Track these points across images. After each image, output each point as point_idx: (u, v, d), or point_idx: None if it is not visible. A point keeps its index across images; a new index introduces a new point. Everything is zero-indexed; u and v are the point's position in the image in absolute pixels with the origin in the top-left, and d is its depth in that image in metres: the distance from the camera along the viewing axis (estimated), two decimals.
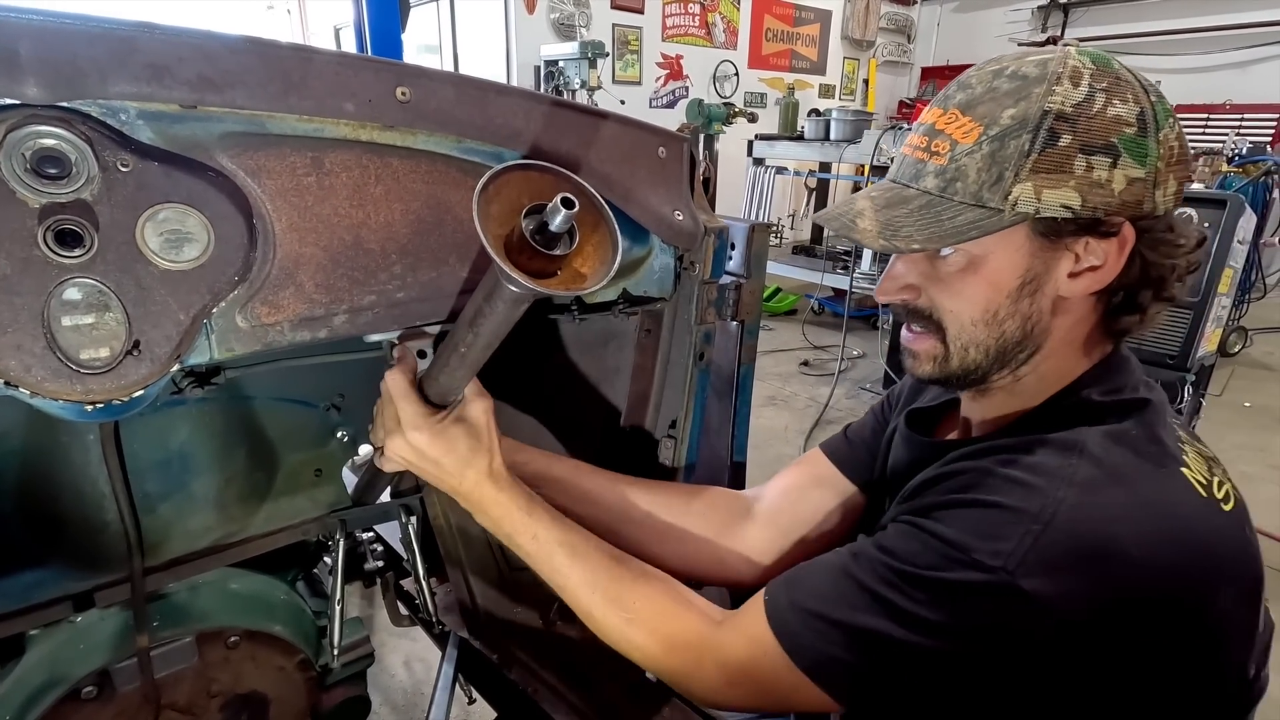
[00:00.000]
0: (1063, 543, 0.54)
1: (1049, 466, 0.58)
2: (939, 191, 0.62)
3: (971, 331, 0.65)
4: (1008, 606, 0.54)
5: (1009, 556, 0.54)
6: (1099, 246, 0.60)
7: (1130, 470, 0.59)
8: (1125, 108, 0.58)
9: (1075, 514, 0.55)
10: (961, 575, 0.56)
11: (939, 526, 0.59)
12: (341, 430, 1.03)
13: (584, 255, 0.56)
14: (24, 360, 0.49)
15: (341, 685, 1.09)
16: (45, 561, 0.85)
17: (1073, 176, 0.58)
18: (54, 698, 0.83)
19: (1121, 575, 0.54)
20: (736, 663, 0.67)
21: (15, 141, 0.46)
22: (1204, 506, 0.59)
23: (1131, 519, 0.56)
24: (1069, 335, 0.66)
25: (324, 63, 0.56)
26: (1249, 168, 3.82)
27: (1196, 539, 0.57)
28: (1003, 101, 0.60)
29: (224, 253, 0.56)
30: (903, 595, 0.58)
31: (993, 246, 0.62)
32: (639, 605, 0.73)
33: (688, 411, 0.92)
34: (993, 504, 0.58)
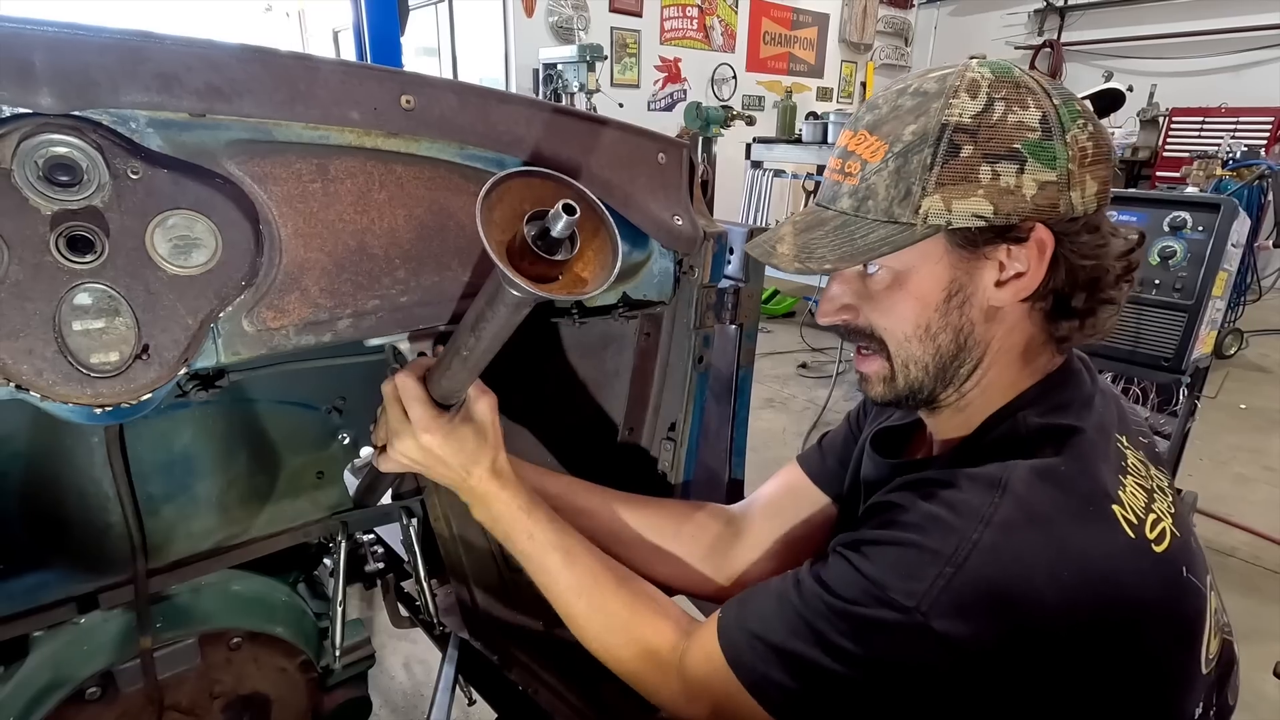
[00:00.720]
0: (974, 585, 0.54)
1: (970, 505, 0.58)
2: (853, 211, 0.63)
3: (908, 347, 0.66)
4: (919, 645, 0.55)
5: (922, 597, 0.55)
6: (1020, 252, 0.60)
7: (1053, 511, 0.57)
8: (1026, 114, 0.58)
9: (988, 557, 0.55)
10: (877, 613, 0.57)
11: (864, 562, 0.60)
12: (343, 433, 1.04)
13: (585, 260, 0.57)
14: (36, 364, 0.50)
15: (343, 686, 1.10)
16: (49, 563, 0.86)
17: (980, 185, 0.58)
18: (58, 699, 0.84)
19: (1033, 619, 0.54)
20: (694, 677, 0.69)
21: (28, 150, 0.47)
22: (1129, 548, 0.58)
23: (1047, 563, 0.55)
24: (1008, 344, 0.65)
25: (330, 72, 0.57)
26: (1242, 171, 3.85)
27: (1116, 583, 0.56)
28: (905, 119, 0.60)
29: (231, 258, 0.57)
30: (829, 625, 0.60)
31: (914, 261, 0.62)
32: (622, 614, 0.76)
33: (687, 414, 0.93)
34: (911, 543, 0.58)
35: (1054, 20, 7.90)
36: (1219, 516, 2.67)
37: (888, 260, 0.63)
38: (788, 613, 0.64)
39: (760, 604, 0.68)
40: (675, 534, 0.95)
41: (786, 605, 0.65)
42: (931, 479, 0.63)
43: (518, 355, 1.01)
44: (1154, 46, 7.23)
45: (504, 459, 0.76)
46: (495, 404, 0.75)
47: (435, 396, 0.70)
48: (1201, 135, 6.27)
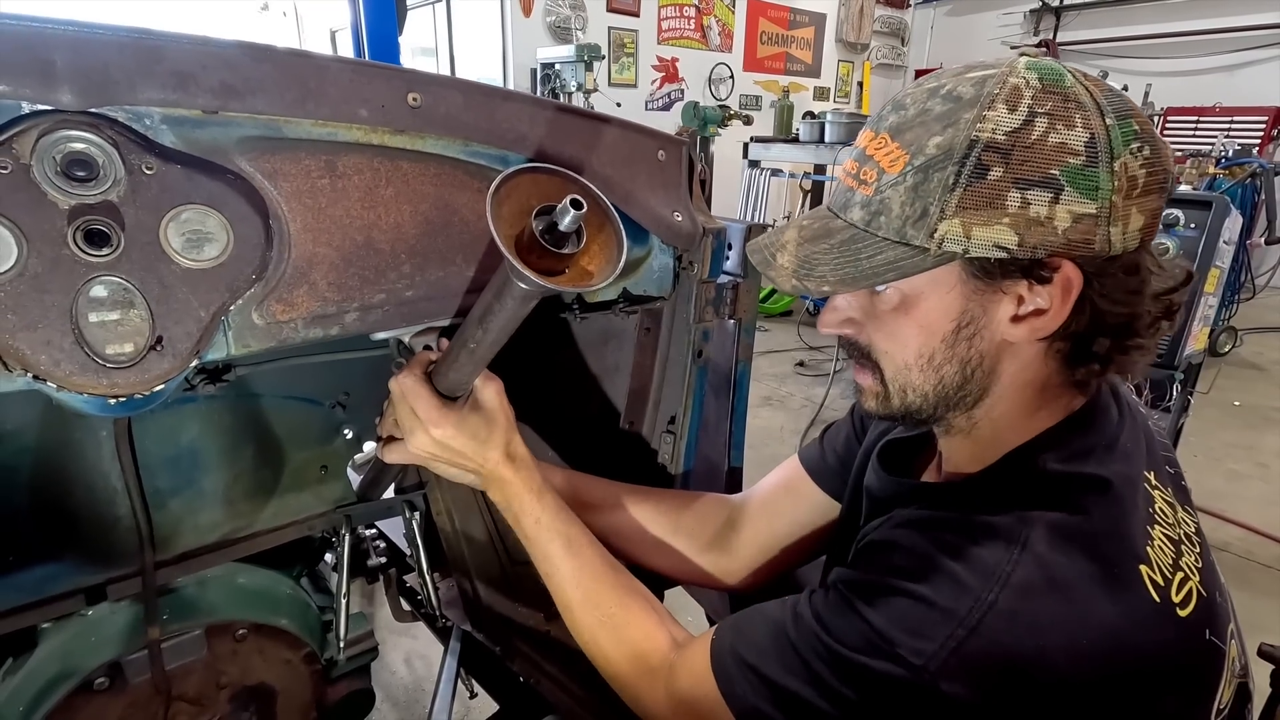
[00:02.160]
0: (985, 650, 0.52)
1: (986, 562, 0.54)
2: (863, 225, 0.57)
3: (907, 375, 0.61)
4: (924, 705, 0.53)
5: (931, 657, 0.52)
6: (1042, 290, 0.54)
7: (1075, 577, 0.53)
8: (1071, 134, 0.50)
9: (1003, 622, 0.52)
10: (883, 667, 0.54)
11: (870, 612, 0.57)
12: (347, 428, 1.05)
13: (591, 254, 0.58)
14: (53, 355, 0.51)
15: (346, 678, 1.11)
16: (59, 556, 0.87)
17: (1006, 214, 0.51)
18: (67, 689, 0.85)
19: (1045, 687, 0.51)
20: (681, 694, 0.69)
21: (47, 146, 0.48)
22: (1154, 615, 0.54)
23: (1064, 632, 0.52)
24: (1020, 379, 0.60)
25: (339, 70, 0.58)
26: (1235, 170, 3.89)
27: (1138, 654, 0.53)
28: (931, 127, 0.53)
29: (242, 252, 0.58)
30: (828, 669, 0.58)
31: (924, 287, 0.57)
32: (615, 612, 0.75)
33: (686, 408, 0.94)
34: (921, 598, 0.55)
35: (1049, 20, 7.93)
36: (1213, 512, 2.69)
37: (897, 282, 0.57)
38: (784, 648, 0.62)
39: (756, 633, 0.66)
40: (675, 525, 0.96)
41: (783, 640, 0.63)
42: (943, 522, 0.59)
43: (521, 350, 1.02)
44: (1149, 46, 7.26)
45: (518, 442, 0.77)
46: (502, 388, 0.76)
47: (443, 389, 0.72)
48: (1196, 135, 6.31)
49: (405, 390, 0.71)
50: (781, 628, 0.64)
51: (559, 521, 0.78)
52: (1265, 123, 6.11)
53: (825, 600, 0.62)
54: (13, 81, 0.45)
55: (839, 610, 0.59)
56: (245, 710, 0.96)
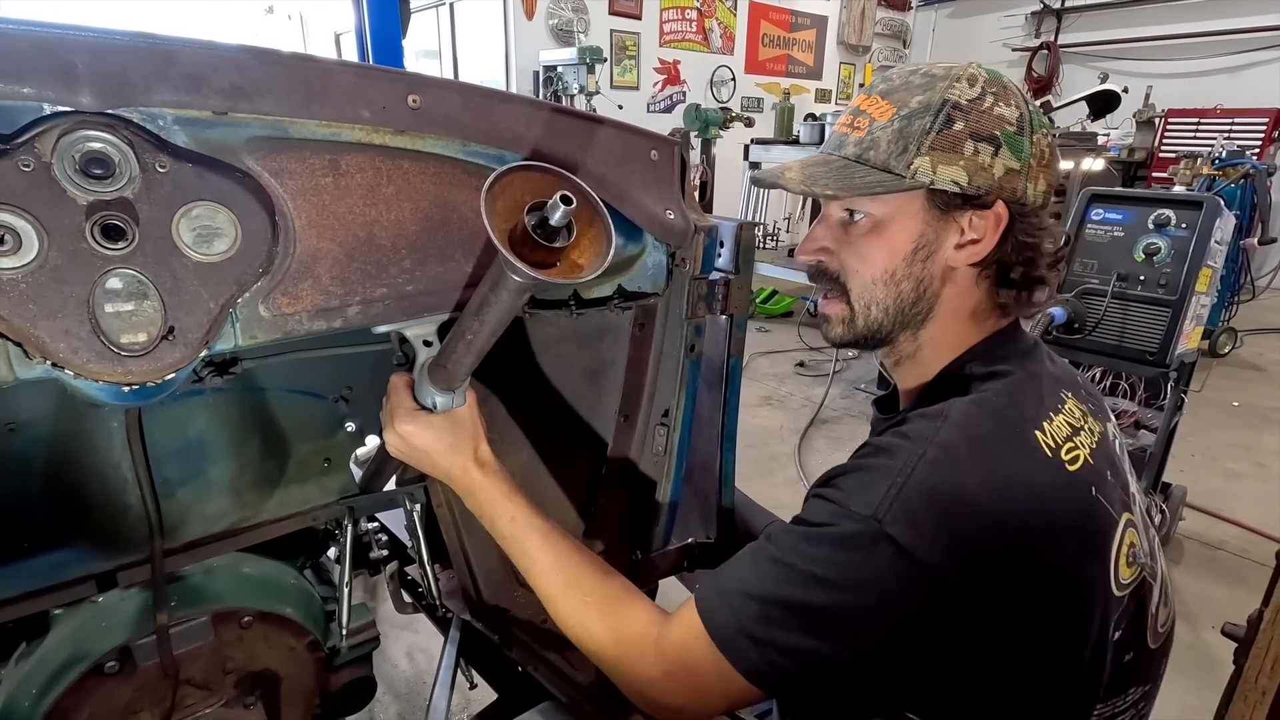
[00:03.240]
0: (920, 493, 0.62)
1: (918, 431, 0.67)
2: (855, 158, 0.72)
3: (872, 290, 0.74)
4: (880, 553, 0.61)
5: (877, 506, 0.62)
6: (980, 222, 0.71)
7: (982, 434, 0.67)
8: (1009, 110, 0.69)
9: (931, 469, 0.63)
10: (844, 527, 0.63)
11: (832, 491, 0.67)
12: (349, 421, 1.07)
13: (581, 248, 0.61)
14: (71, 343, 0.54)
15: (349, 666, 1.14)
16: (70, 542, 0.89)
17: (962, 157, 0.68)
18: (79, 672, 0.87)
19: (970, 522, 0.62)
20: (671, 650, 0.70)
21: (66, 145, 0.51)
22: (1045, 465, 0.67)
23: (980, 473, 0.64)
24: (957, 304, 0.75)
25: (343, 73, 0.61)
26: (1228, 170, 3.91)
27: (1033, 491, 0.65)
28: (914, 91, 0.71)
29: (250, 247, 0.61)
30: (800, 556, 0.65)
31: (894, 213, 0.72)
32: (597, 592, 0.78)
33: (680, 400, 0.97)
34: (869, 467, 0.67)
35: (1051, 22, 7.95)
36: (1209, 511, 2.70)
37: (872, 208, 0.72)
38: (760, 561, 0.68)
39: (735, 565, 0.71)
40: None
41: (759, 555, 0.69)
42: (895, 422, 0.72)
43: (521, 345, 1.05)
44: (1150, 48, 7.28)
45: (485, 449, 0.80)
46: (475, 400, 0.80)
47: (438, 380, 0.74)
48: (1197, 136, 6.31)
49: (390, 388, 0.78)
50: (756, 549, 0.70)
51: (533, 517, 0.80)
52: (1266, 125, 6.12)
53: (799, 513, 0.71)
54: (37, 84, 0.48)
55: (809, 507, 0.69)
56: (250, 695, 0.99)
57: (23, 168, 0.50)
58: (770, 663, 0.65)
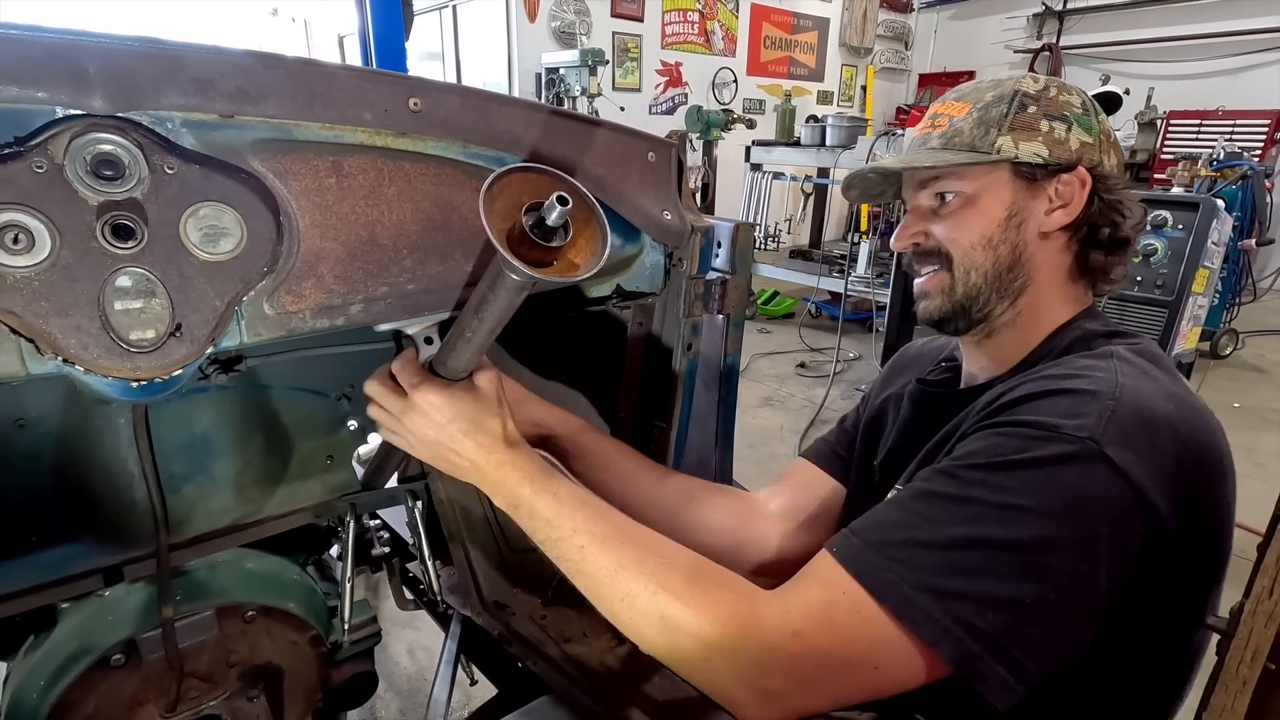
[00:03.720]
0: (1132, 415, 0.61)
1: (1098, 367, 0.67)
2: (941, 146, 0.80)
3: (972, 255, 0.78)
4: (1096, 475, 0.58)
5: (1093, 428, 0.59)
6: (1065, 188, 0.76)
7: (1157, 373, 0.69)
8: (1072, 97, 0.78)
9: (1135, 396, 0.63)
10: (1051, 450, 0.59)
11: (1020, 417, 0.63)
12: (352, 419, 1.09)
13: (577, 247, 0.62)
14: (82, 339, 0.55)
15: (350, 661, 1.15)
16: (77, 537, 0.91)
17: (1040, 134, 0.76)
18: (85, 665, 0.89)
19: (1174, 448, 0.61)
20: (805, 607, 0.59)
21: (78, 147, 0.53)
22: (1207, 409, 0.68)
23: (1172, 404, 0.64)
24: (1053, 267, 0.79)
25: (345, 77, 0.63)
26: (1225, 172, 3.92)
27: (1211, 429, 0.66)
28: (984, 91, 0.80)
29: (255, 246, 0.62)
30: (990, 489, 0.59)
31: (984, 187, 0.78)
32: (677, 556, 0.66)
33: (677, 398, 0.98)
34: (1067, 390, 0.64)
35: (1053, 24, 7.95)
36: None
37: (962, 186, 0.78)
38: (926, 507, 0.61)
39: (885, 518, 0.63)
40: (711, 503, 0.96)
41: (921, 501, 0.62)
42: (1042, 367, 0.72)
43: (522, 343, 1.06)
44: (1152, 50, 7.28)
45: (513, 427, 0.73)
46: (496, 376, 0.74)
47: (442, 375, 0.76)
48: (1199, 138, 6.31)
49: (395, 369, 0.72)
50: (913, 496, 0.64)
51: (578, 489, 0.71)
52: (1268, 126, 6.12)
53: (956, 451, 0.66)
54: (50, 88, 0.50)
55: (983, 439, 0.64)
56: (254, 688, 1.00)
57: (36, 169, 0.52)
58: (960, 620, 0.56)
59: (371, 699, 1.59)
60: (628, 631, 0.65)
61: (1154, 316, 1.82)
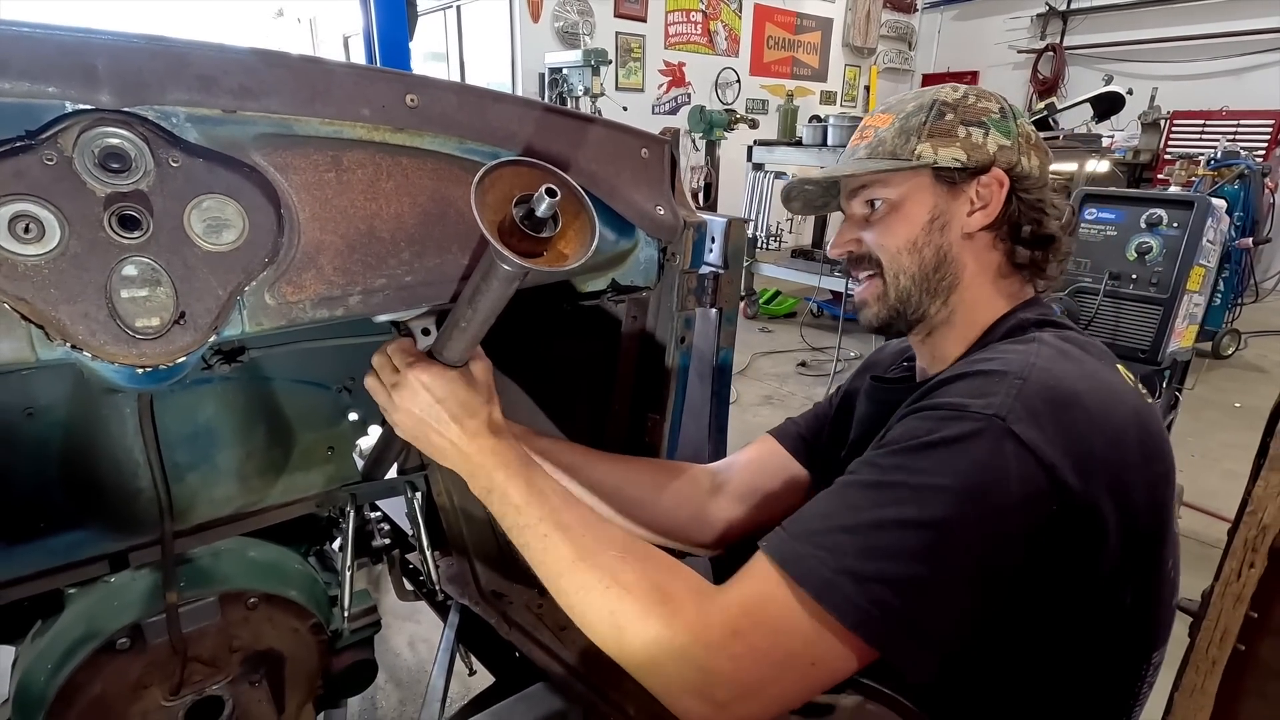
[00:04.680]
0: (1040, 393, 0.63)
1: (1017, 349, 0.71)
2: (867, 155, 0.84)
3: (899, 259, 0.82)
4: (1003, 449, 0.60)
5: (1000, 405, 0.62)
6: (985, 190, 0.80)
7: (1078, 355, 0.71)
8: (990, 104, 0.82)
9: (1045, 375, 0.65)
10: (959, 428, 0.62)
11: (934, 401, 0.67)
12: (352, 411, 1.11)
13: (567, 239, 0.64)
14: (90, 326, 0.57)
15: (351, 649, 1.17)
16: (84, 523, 0.93)
17: (958, 140, 0.80)
18: (91, 649, 0.91)
19: (1084, 426, 0.63)
20: (739, 609, 0.61)
21: (87, 141, 0.55)
22: (1135, 392, 0.72)
23: (1086, 384, 0.66)
24: (980, 266, 0.82)
25: (344, 74, 0.65)
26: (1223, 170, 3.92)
27: (1131, 410, 0.68)
28: (907, 102, 0.85)
29: (257, 238, 0.64)
30: (906, 472, 0.62)
31: (907, 193, 0.81)
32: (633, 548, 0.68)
33: (670, 390, 1.00)
34: (979, 373, 0.67)
35: (1056, 24, 7.94)
36: (1207, 510, 2.71)
37: (886, 193, 0.82)
38: (850, 492, 0.64)
39: (813, 509, 0.65)
40: (664, 487, 1.00)
41: (846, 488, 0.65)
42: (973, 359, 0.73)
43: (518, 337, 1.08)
44: (1156, 50, 7.27)
45: (499, 415, 0.76)
46: (489, 367, 0.78)
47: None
48: (1203, 138, 6.30)
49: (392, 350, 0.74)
50: (840, 486, 0.66)
51: (551, 481, 0.74)
52: (1272, 126, 6.11)
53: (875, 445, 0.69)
54: (61, 83, 0.52)
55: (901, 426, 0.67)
56: (255, 673, 1.02)
57: (46, 162, 0.54)
58: (879, 601, 0.57)
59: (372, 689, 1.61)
60: (582, 625, 0.67)
61: (1149, 314, 1.83)
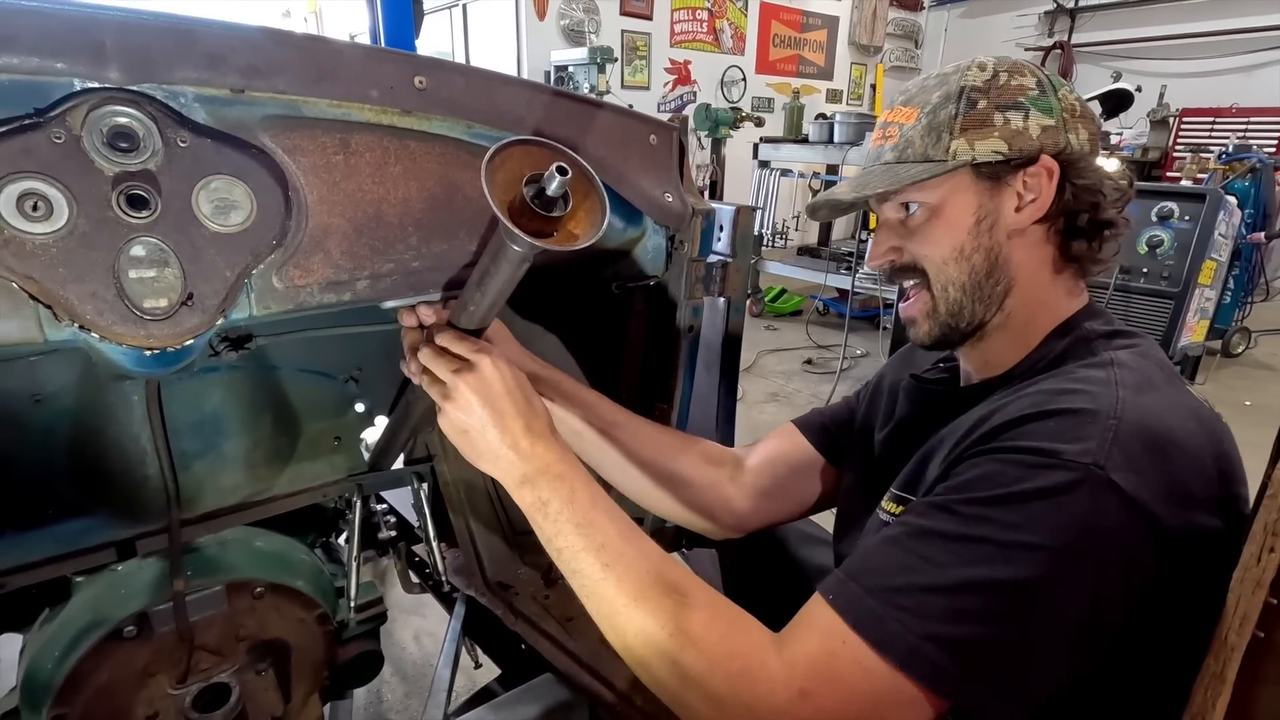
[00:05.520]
0: (1137, 435, 0.57)
1: (1096, 377, 0.63)
2: (895, 160, 0.76)
3: (946, 270, 0.75)
4: (1103, 502, 0.54)
5: (1096, 452, 0.55)
6: (1033, 180, 0.72)
7: (1158, 380, 0.64)
8: (1025, 79, 0.73)
9: (1137, 411, 0.58)
10: (1054, 478, 0.55)
11: (1018, 443, 0.59)
12: (359, 402, 1.11)
13: (577, 219, 0.64)
14: (98, 306, 0.57)
15: (357, 640, 1.17)
16: (92, 511, 0.93)
17: (995, 129, 0.71)
18: (98, 636, 0.91)
19: (1180, 467, 0.57)
20: (809, 665, 0.57)
21: (95, 120, 0.55)
22: (1211, 413, 0.65)
23: (1175, 418, 0.60)
24: (1034, 265, 0.75)
25: (352, 54, 0.64)
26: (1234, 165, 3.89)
27: (1219, 439, 0.62)
28: (931, 91, 0.75)
29: (264, 220, 0.64)
30: (993, 526, 0.56)
31: (946, 195, 0.74)
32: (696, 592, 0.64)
33: (678, 379, 0.99)
34: (1065, 410, 0.59)
35: (1064, 22, 7.90)
36: None
37: (923, 197, 0.74)
38: (926, 547, 0.58)
39: (883, 560, 0.60)
40: (693, 466, 0.98)
41: (920, 541, 0.58)
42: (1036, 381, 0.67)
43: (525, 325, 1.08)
44: (1164, 47, 7.22)
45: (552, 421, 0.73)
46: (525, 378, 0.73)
47: None
48: (1212, 136, 6.26)
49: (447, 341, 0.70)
50: (911, 534, 0.60)
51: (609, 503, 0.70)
52: None
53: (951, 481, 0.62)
54: (69, 59, 0.51)
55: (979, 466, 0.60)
56: (262, 662, 1.02)
57: (55, 140, 0.54)
58: (970, 667, 0.54)
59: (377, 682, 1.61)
60: (636, 667, 0.63)
61: (1160, 308, 1.81)
